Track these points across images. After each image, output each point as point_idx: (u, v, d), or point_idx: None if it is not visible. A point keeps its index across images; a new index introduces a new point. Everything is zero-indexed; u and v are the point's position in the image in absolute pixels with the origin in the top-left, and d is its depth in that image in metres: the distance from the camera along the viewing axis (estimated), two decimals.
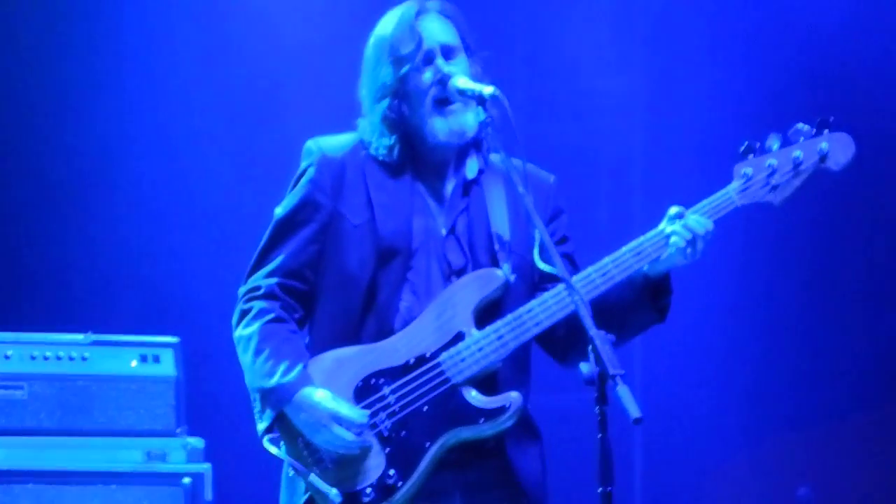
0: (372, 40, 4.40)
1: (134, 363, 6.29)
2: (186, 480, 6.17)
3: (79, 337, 6.28)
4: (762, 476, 7.89)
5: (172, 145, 7.57)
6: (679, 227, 4.19)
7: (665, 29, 7.95)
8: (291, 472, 4.20)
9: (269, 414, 4.17)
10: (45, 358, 6.19)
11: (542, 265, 4.06)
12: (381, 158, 4.32)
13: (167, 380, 6.31)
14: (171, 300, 7.36)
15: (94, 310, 7.02)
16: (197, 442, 6.28)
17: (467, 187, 4.35)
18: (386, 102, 4.31)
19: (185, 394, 6.33)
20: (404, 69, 4.29)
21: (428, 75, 4.28)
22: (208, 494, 6.23)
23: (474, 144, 4.36)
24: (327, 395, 4.12)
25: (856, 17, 7.63)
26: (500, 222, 4.30)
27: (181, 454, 6.25)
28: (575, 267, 4.34)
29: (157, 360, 6.31)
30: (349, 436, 4.09)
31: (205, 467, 6.24)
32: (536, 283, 4.30)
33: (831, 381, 7.77)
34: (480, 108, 4.19)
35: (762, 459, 7.88)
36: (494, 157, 4.35)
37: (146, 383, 6.28)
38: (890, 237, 7.73)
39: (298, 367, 4.15)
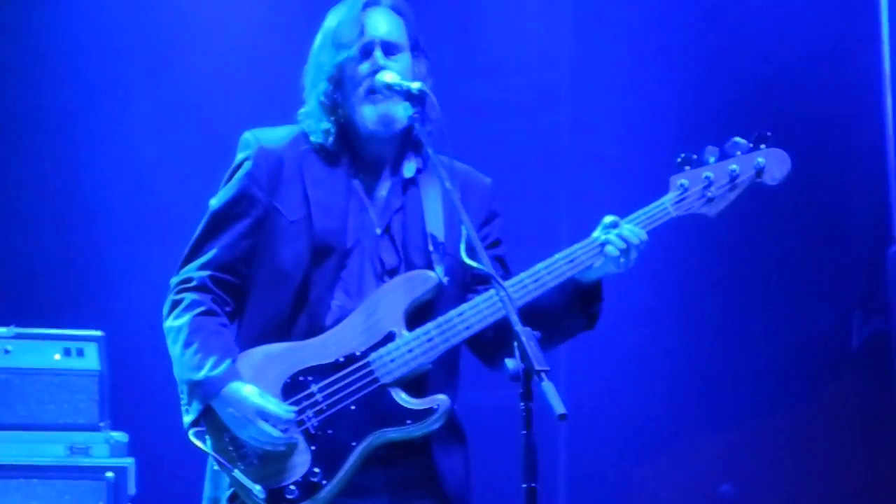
0: (321, 29, 4.42)
1: (57, 356, 6.24)
2: (109, 475, 6.14)
3: (2, 330, 6.21)
4: (685, 473, 7.96)
5: (99, 136, 7.51)
6: (614, 237, 4.20)
7: (596, 31, 7.99)
8: (216, 466, 4.18)
9: (195, 407, 4.15)
10: None
11: (468, 261, 4.06)
12: (318, 142, 4.32)
13: (91, 373, 6.27)
14: (95, 293, 7.29)
15: (17, 302, 6.94)
16: (120, 436, 6.25)
17: (405, 186, 4.36)
18: (323, 87, 4.32)
19: (109, 388, 6.28)
20: (342, 57, 4.30)
21: (365, 67, 4.29)
22: (131, 489, 6.21)
23: (413, 146, 4.37)
24: (255, 390, 4.10)
25: (797, 28, 7.72)
26: (435, 223, 4.31)
27: (104, 448, 6.22)
28: (507, 270, 4.35)
29: (80, 353, 6.27)
30: (275, 432, 4.08)
31: (128, 462, 6.21)
32: (469, 284, 4.31)
33: (751, 381, 7.86)
34: (408, 103, 4.21)
35: (685, 456, 7.96)
36: (435, 159, 4.36)
37: (70, 377, 6.24)
38: (807, 240, 7.82)
39: (227, 362, 4.13)
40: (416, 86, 4.21)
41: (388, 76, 4.25)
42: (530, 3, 8.06)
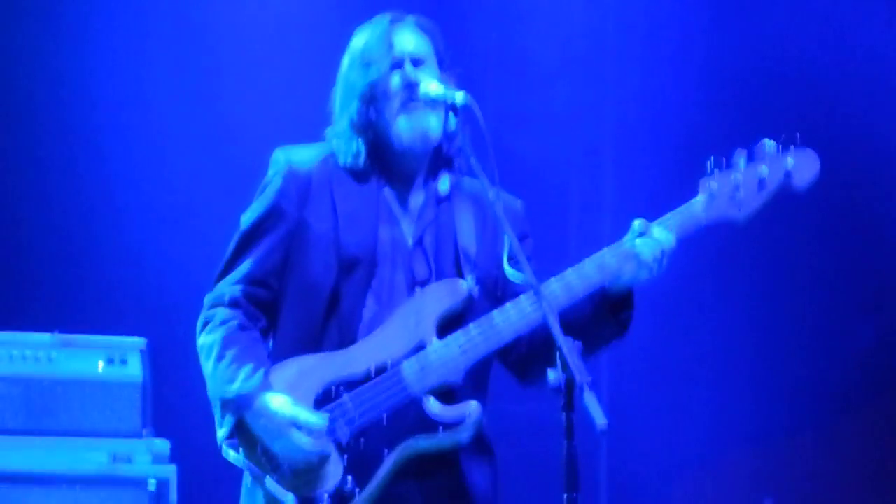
0: (347, 50, 4.43)
1: (100, 364, 6.27)
2: (151, 483, 6.16)
3: (45, 337, 6.26)
4: (727, 487, 7.92)
5: (144, 145, 7.55)
6: (648, 240, 4.16)
7: (635, 42, 7.98)
8: (250, 482, 4.20)
9: (229, 420, 4.17)
10: (11, 358, 6.17)
11: (510, 272, 4.05)
12: (348, 166, 4.33)
13: (133, 382, 6.30)
14: (139, 301, 7.33)
15: (60, 310, 6.98)
16: (162, 444, 6.27)
17: (439, 201, 4.36)
18: (355, 106, 4.32)
19: (152, 396, 6.31)
20: (373, 73, 4.32)
21: (396, 80, 4.30)
22: (173, 497, 6.22)
23: (446, 163, 4.38)
24: (287, 401, 4.12)
25: (841, 33, 7.69)
26: (468, 238, 4.31)
27: (146, 456, 6.24)
28: None
29: (123, 361, 6.30)
30: (308, 441, 4.08)
31: (170, 470, 6.23)
32: (499, 299, 4.29)
33: (793, 395, 7.81)
34: (451, 113, 4.18)
35: (727, 470, 7.91)
36: (467, 181, 4.37)
37: (112, 385, 6.27)
38: (850, 254, 7.77)
39: (259, 374, 4.15)
40: (460, 96, 4.17)
41: (432, 87, 4.24)
42: (573, 19, 8.05)
